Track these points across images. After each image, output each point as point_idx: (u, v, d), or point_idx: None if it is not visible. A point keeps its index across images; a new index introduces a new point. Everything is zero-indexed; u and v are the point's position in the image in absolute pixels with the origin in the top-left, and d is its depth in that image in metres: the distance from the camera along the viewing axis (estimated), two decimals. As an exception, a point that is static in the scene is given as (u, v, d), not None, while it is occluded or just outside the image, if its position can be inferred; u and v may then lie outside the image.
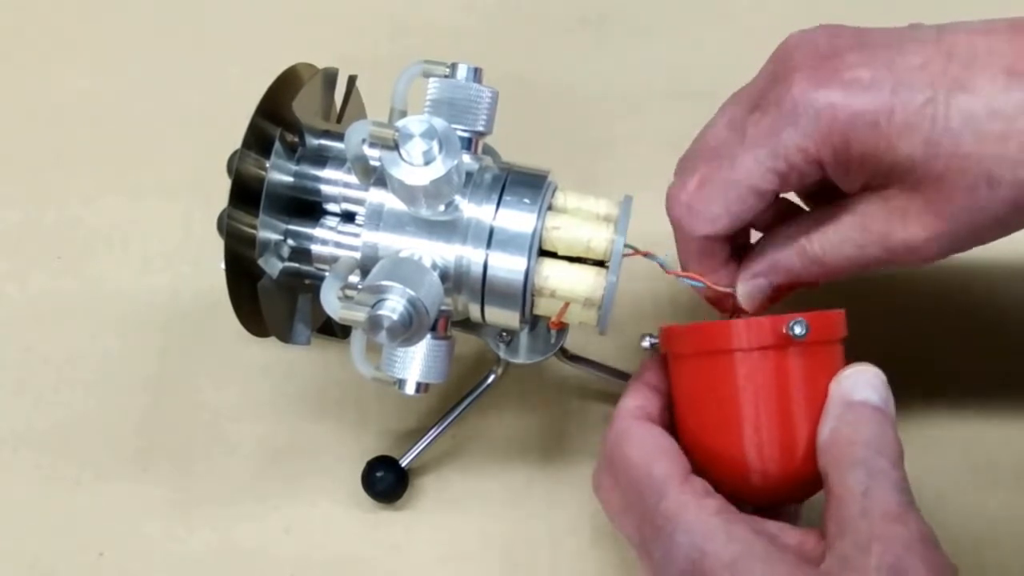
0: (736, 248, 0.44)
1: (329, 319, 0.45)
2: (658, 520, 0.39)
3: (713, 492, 0.40)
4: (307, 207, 0.45)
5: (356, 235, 0.44)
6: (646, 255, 0.43)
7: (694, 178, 0.42)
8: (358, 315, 0.39)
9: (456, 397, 0.51)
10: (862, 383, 0.41)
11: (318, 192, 0.45)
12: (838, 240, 0.41)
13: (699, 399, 0.42)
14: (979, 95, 0.38)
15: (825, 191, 0.42)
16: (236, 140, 0.42)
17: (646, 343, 0.43)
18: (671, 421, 0.44)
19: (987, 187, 0.38)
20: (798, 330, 0.40)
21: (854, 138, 0.38)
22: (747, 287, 0.43)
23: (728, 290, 0.44)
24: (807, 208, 0.46)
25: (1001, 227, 0.39)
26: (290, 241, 0.45)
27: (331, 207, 0.45)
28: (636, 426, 0.43)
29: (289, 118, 0.44)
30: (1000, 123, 0.37)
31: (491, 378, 0.51)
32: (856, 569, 0.36)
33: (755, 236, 0.46)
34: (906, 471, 0.39)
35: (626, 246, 0.42)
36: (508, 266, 0.42)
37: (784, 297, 0.44)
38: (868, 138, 0.38)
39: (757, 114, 0.41)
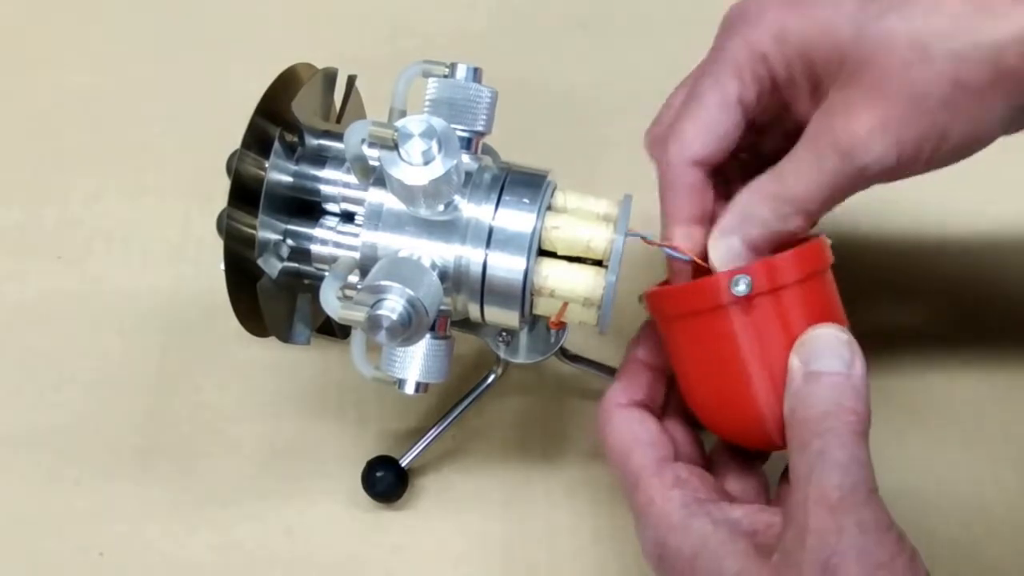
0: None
1: (329, 319, 0.45)
2: (633, 508, 0.41)
3: (683, 482, 0.40)
4: (306, 207, 0.45)
5: (355, 235, 0.44)
6: (633, 235, 0.42)
7: (666, 112, 0.44)
8: (357, 315, 0.39)
9: (456, 397, 0.51)
10: (819, 348, 0.39)
11: (317, 192, 0.45)
12: (795, 164, 0.40)
13: (699, 359, 0.41)
14: None
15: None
16: (236, 140, 0.42)
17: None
18: (665, 392, 0.44)
19: (920, 62, 0.37)
20: (741, 287, 0.39)
21: (788, 27, 0.40)
22: (719, 248, 0.41)
23: (707, 265, 0.41)
24: None
25: (949, 112, 0.37)
26: (289, 241, 0.45)
27: (330, 207, 0.45)
28: (616, 413, 0.43)
29: (289, 118, 0.44)
30: None
31: (491, 378, 0.51)
32: (794, 565, 0.35)
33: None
34: (868, 443, 0.37)
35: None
36: (507, 266, 0.42)
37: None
38: (800, 25, 0.39)
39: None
